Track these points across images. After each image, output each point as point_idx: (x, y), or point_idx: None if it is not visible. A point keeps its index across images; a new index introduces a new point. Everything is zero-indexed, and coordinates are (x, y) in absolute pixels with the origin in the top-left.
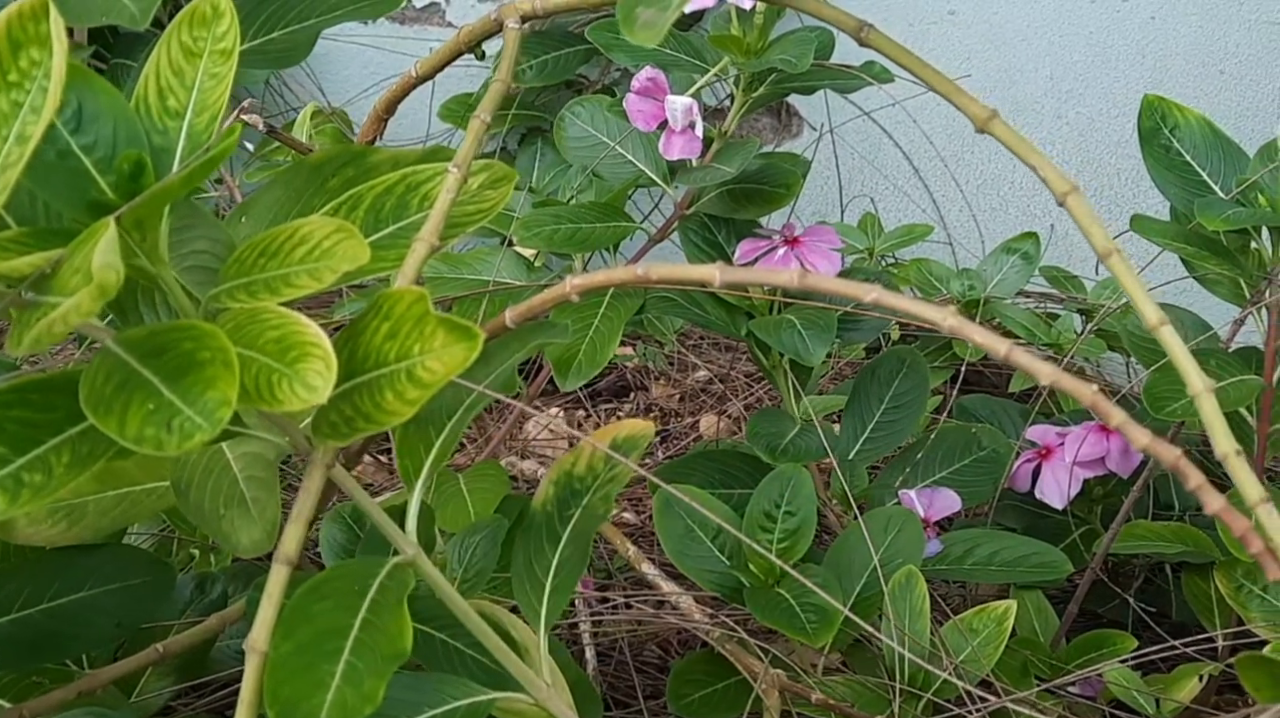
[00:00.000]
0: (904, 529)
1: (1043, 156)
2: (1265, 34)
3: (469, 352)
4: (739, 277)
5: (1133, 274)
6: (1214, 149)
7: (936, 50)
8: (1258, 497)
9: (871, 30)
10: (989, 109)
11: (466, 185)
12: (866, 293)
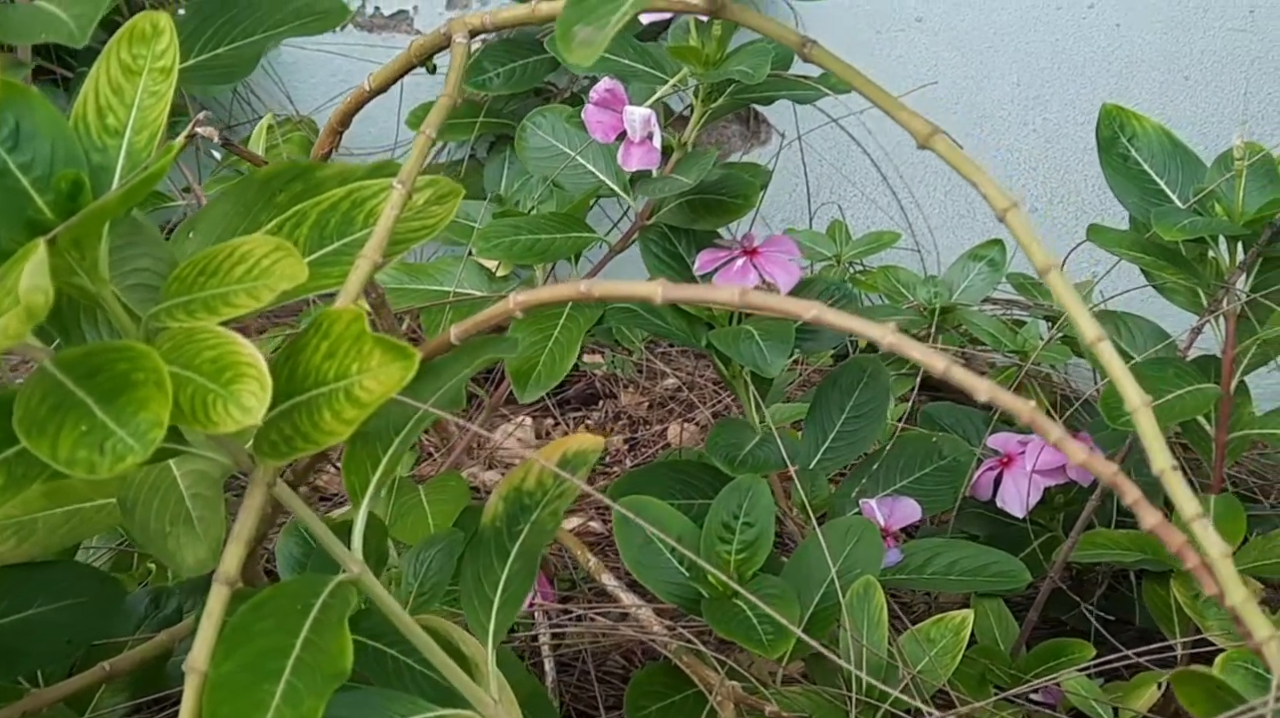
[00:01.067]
0: (862, 540)
1: (983, 173)
2: (1228, 40)
3: (405, 371)
4: (680, 294)
5: (1071, 290)
6: (1172, 158)
7: (904, 57)
8: (1193, 512)
9: (815, 46)
10: (931, 125)
11: (412, 201)
12: (806, 310)
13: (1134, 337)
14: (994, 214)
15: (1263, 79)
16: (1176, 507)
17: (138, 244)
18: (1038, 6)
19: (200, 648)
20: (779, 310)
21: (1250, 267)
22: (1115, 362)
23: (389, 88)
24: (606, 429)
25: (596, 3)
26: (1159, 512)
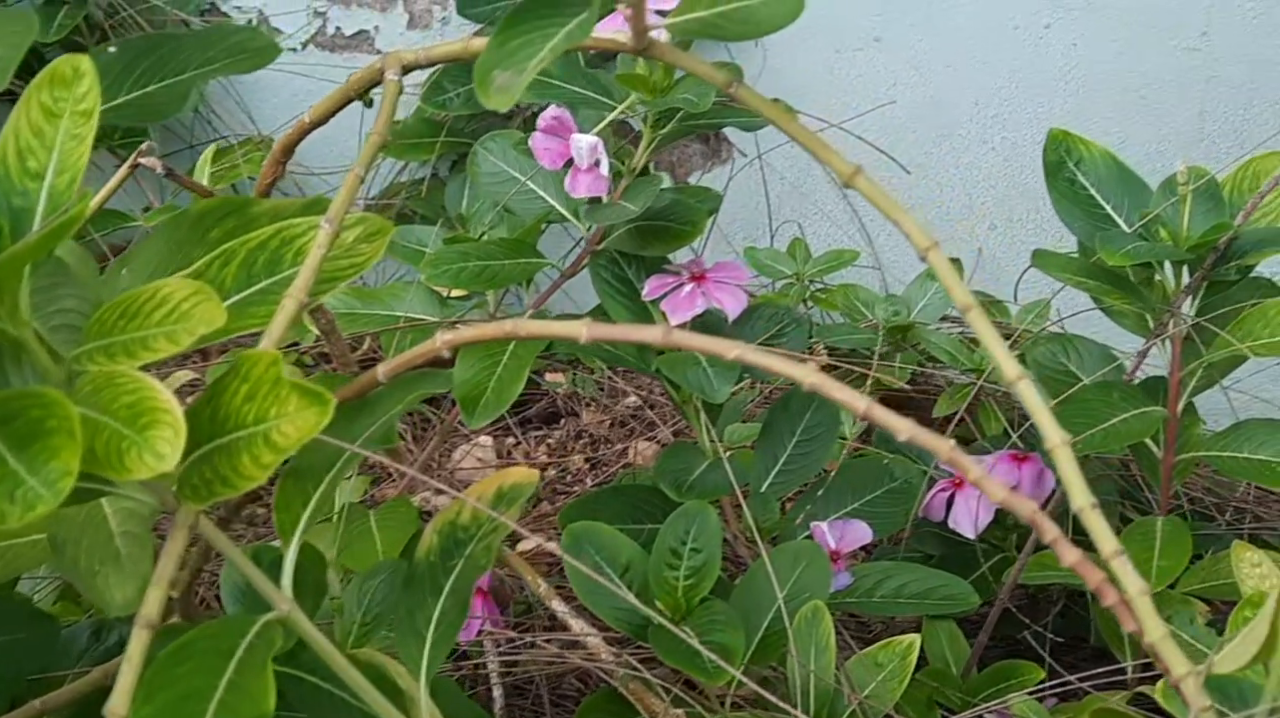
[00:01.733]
0: (811, 564)
1: (904, 213)
2: (1183, 60)
3: (321, 417)
4: (604, 334)
5: (991, 329)
6: (1118, 182)
7: (863, 77)
8: (1111, 550)
9: (740, 85)
10: (853, 166)
11: (341, 239)
12: (729, 350)
13: (1082, 359)
14: (982, 227)
15: (1218, 98)
16: (1096, 544)
17: (63, 284)
18: (995, 26)
19: (120, 693)
20: (703, 350)
21: (1196, 290)
22: (1035, 400)
23: (328, 120)
24: (568, 448)
25: (516, 46)
26: (1077, 550)
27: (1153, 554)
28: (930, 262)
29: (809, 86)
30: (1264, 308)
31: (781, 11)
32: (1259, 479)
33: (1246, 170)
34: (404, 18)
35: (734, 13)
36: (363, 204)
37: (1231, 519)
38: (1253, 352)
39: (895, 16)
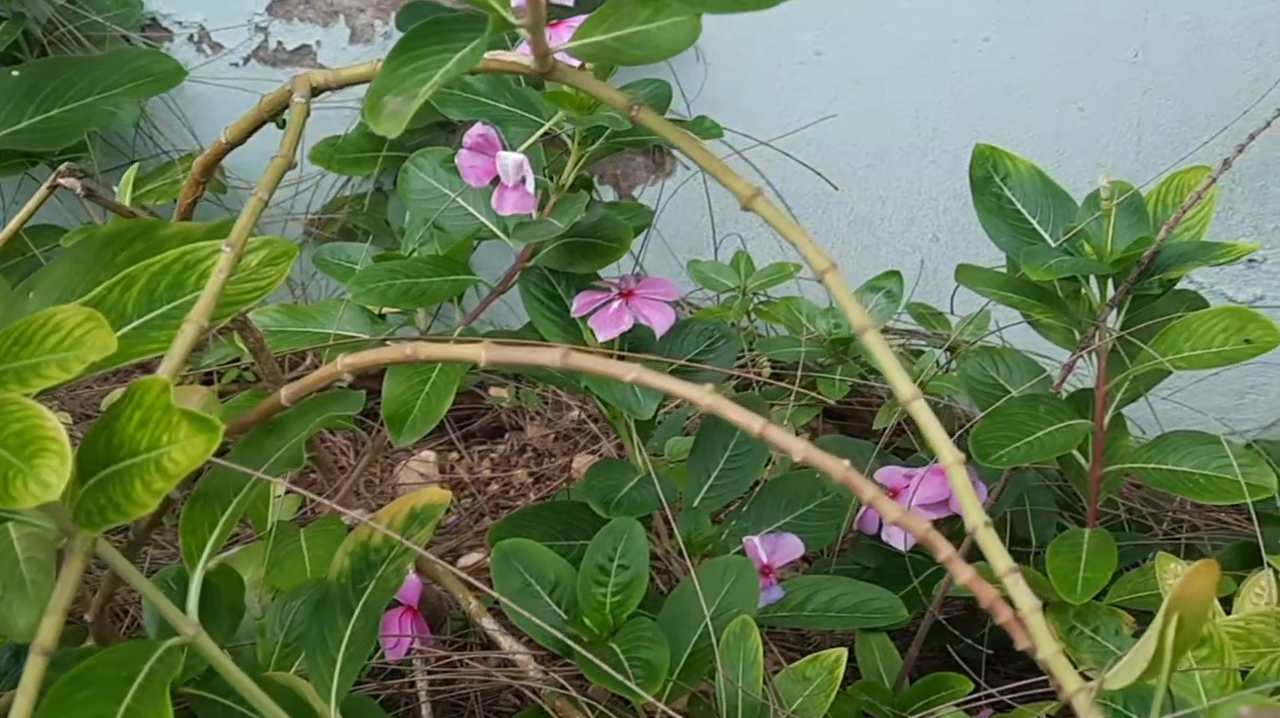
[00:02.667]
0: (740, 579)
1: (803, 234)
2: (1121, 72)
3: (209, 444)
4: (504, 357)
5: (886, 351)
6: (1044, 197)
7: (805, 90)
8: (1005, 568)
9: (642, 109)
10: (753, 188)
11: (245, 262)
12: (626, 373)
13: (1011, 372)
14: (923, 238)
15: (1154, 110)
16: (990, 563)
17: None
18: (934, 40)
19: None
20: (599, 372)
21: (1121, 304)
22: (927, 419)
23: (245, 140)
24: (511, 462)
25: (409, 72)
26: (970, 568)
27: (1079, 566)
28: (827, 284)
29: (752, 101)
30: (1186, 321)
31: (678, 36)
32: (1182, 491)
33: (1171, 184)
34: (346, 32)
35: (632, 37)
36: (305, 219)
37: (1169, 530)
38: (1174, 365)
39: (836, 31)
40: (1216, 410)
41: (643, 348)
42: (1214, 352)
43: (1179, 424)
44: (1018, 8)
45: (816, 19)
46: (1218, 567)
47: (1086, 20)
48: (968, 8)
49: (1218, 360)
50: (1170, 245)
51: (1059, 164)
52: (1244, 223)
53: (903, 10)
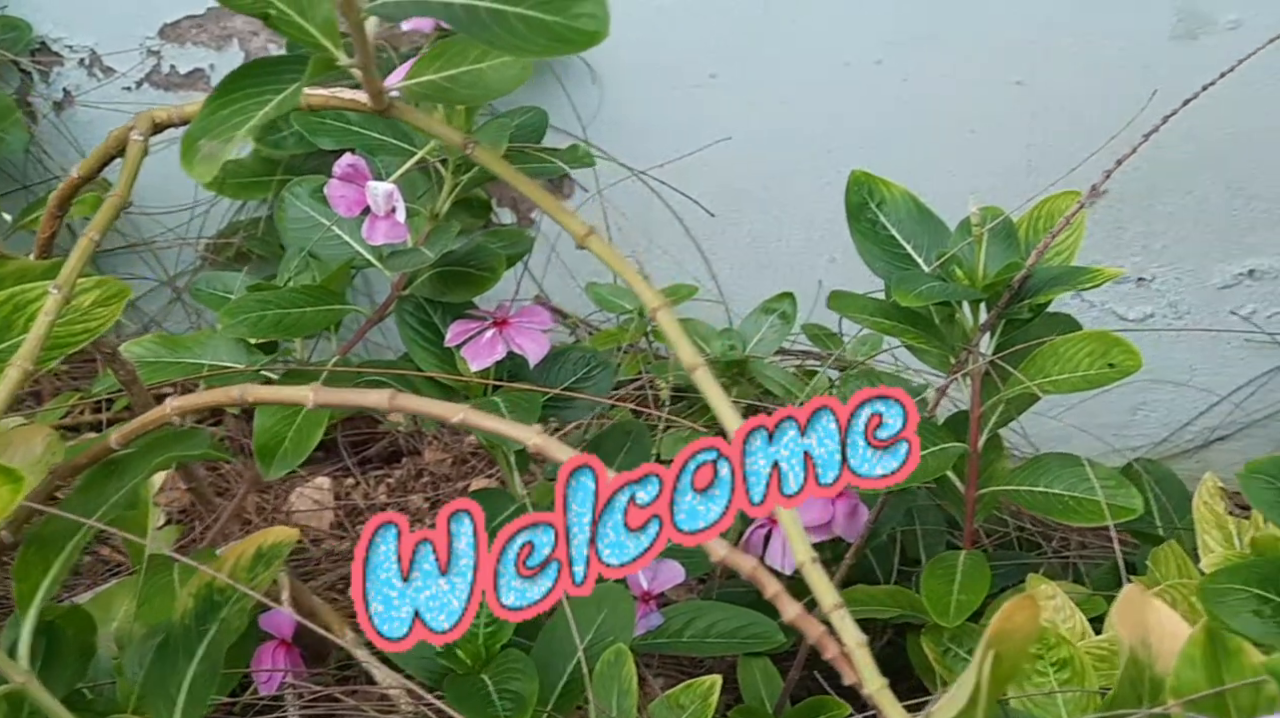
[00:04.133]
0: (616, 607)
1: (636, 274)
2: (1011, 94)
3: (14, 494)
4: (331, 399)
5: (715, 386)
6: (919, 223)
7: (700, 113)
8: (831, 603)
9: (476, 147)
10: (586, 227)
11: (78, 302)
12: (453, 414)
13: None
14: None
15: (1044, 131)
16: (816, 598)
17: None
18: (827, 62)
19: None
20: (428, 413)
21: (993, 328)
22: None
23: (96, 174)
24: (408, 487)
25: (228, 114)
26: (797, 604)
27: (953, 588)
28: (659, 321)
29: (648, 123)
30: (1055, 345)
31: (508, 76)
32: (1052, 513)
33: (1041, 209)
34: (240, 56)
35: (462, 77)
36: (202, 244)
37: (1058, 548)
38: (1043, 389)
39: (730, 53)
40: (1110, 427)
41: (521, 377)
42: (1080, 375)
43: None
44: (909, 30)
45: (710, 42)
46: (1037, 602)
47: (976, 43)
48: (859, 31)
49: (1083, 384)
50: (1040, 270)
51: (951, 185)
52: (1133, 242)
53: (796, 33)
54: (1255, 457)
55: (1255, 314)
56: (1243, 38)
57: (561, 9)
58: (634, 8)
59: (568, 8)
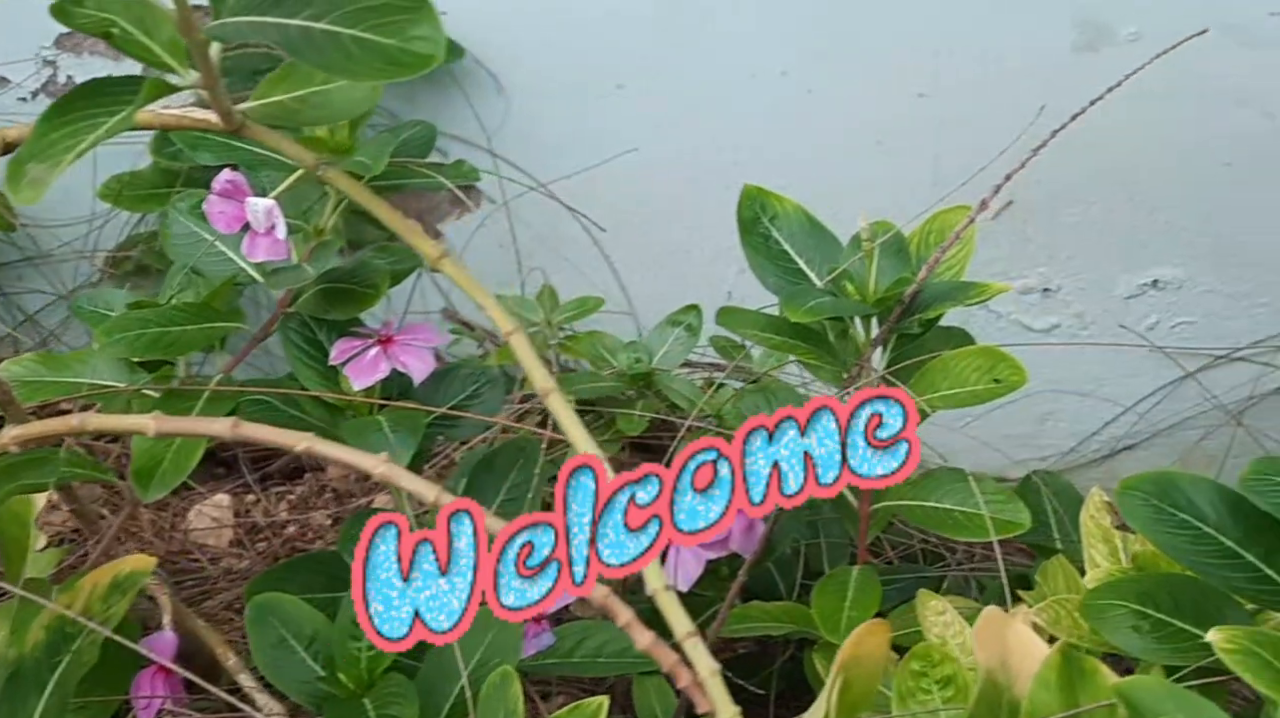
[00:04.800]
0: (504, 628)
1: (490, 297)
2: (916, 106)
3: None
4: (173, 427)
5: (569, 411)
6: (811, 237)
7: (607, 124)
8: (684, 632)
9: (328, 168)
10: (440, 248)
11: None
12: (297, 442)
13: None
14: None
15: (950, 142)
16: (669, 626)
17: None
18: (734, 74)
19: None
20: (271, 442)
21: (885, 342)
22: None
23: None
24: (310, 503)
25: (59, 138)
26: (650, 633)
27: (844, 605)
28: (511, 345)
29: (556, 134)
30: (944, 360)
31: (357, 98)
32: (942, 529)
33: (933, 224)
34: (138, 67)
35: (310, 98)
36: (102, 257)
37: (961, 559)
38: (931, 404)
39: (637, 64)
40: (1019, 437)
41: (410, 394)
42: (968, 390)
43: (981, 452)
44: (815, 43)
45: (617, 53)
46: (888, 626)
47: (881, 55)
48: (765, 42)
49: (971, 399)
50: (930, 285)
51: (858, 196)
52: (1039, 253)
53: (702, 45)
54: (1161, 466)
55: (1159, 324)
56: (1142, 49)
57: (397, 32)
58: (540, 19)
59: (403, 31)
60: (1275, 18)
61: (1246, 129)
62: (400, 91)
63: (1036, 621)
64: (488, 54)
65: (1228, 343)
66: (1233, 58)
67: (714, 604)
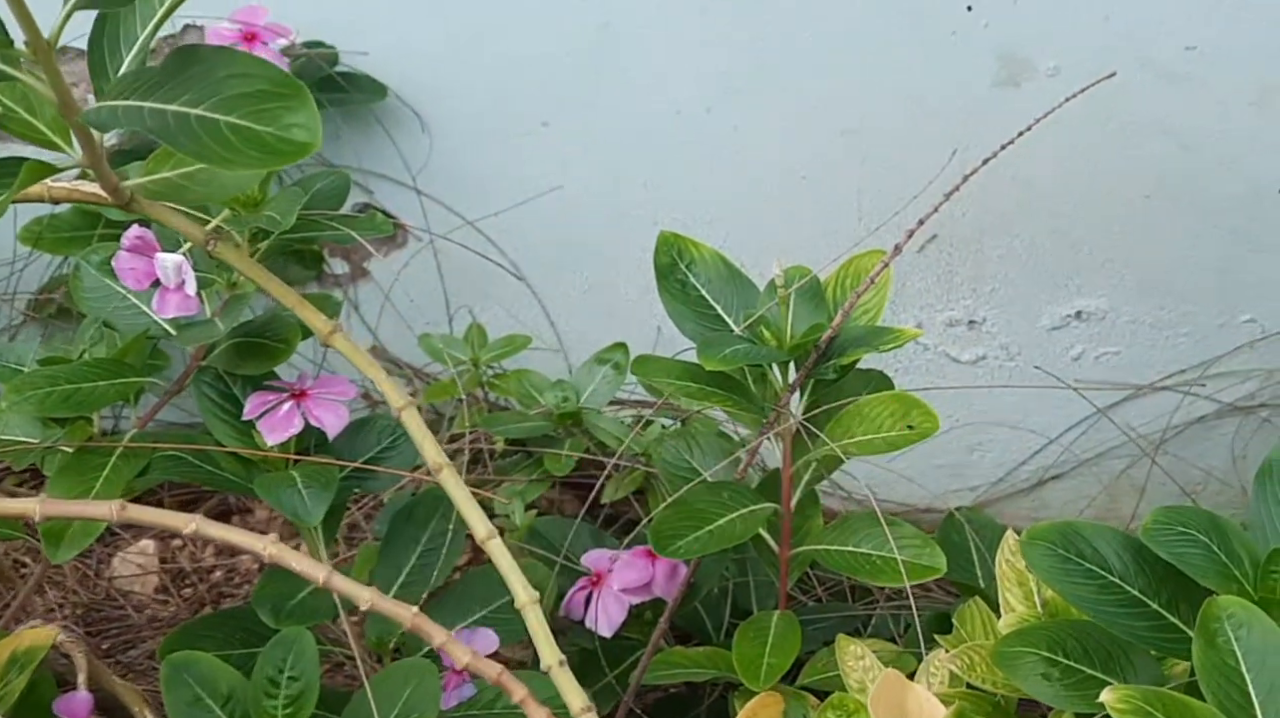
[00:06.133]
0: (421, 682)
1: (380, 371)
2: (840, 142)
3: None
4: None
5: (460, 487)
6: (728, 283)
7: (533, 161)
8: (579, 707)
9: (218, 244)
10: (330, 324)
11: None
12: (185, 524)
13: (704, 456)
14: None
15: (874, 177)
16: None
17: None
18: (659, 111)
19: None
20: (159, 524)
21: (803, 388)
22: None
23: None
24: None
25: None
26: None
27: (764, 651)
28: (403, 421)
29: (481, 172)
30: (860, 405)
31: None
32: (859, 574)
33: (849, 268)
34: None
35: (198, 174)
36: (24, 300)
37: (890, 595)
38: (846, 451)
39: (562, 101)
40: (949, 468)
41: (325, 447)
42: (882, 437)
43: (913, 483)
44: (739, 80)
45: (542, 91)
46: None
47: (805, 91)
48: (689, 79)
49: (885, 446)
50: (846, 330)
51: (784, 231)
52: (964, 285)
53: (627, 82)
54: (1090, 494)
55: (1084, 355)
56: (1063, 84)
57: (274, 119)
58: (465, 58)
59: (280, 118)
60: (1191, 52)
61: (1166, 161)
62: (326, 130)
63: (952, 667)
64: (412, 93)
65: (1153, 372)
66: (1152, 91)
67: (639, 648)
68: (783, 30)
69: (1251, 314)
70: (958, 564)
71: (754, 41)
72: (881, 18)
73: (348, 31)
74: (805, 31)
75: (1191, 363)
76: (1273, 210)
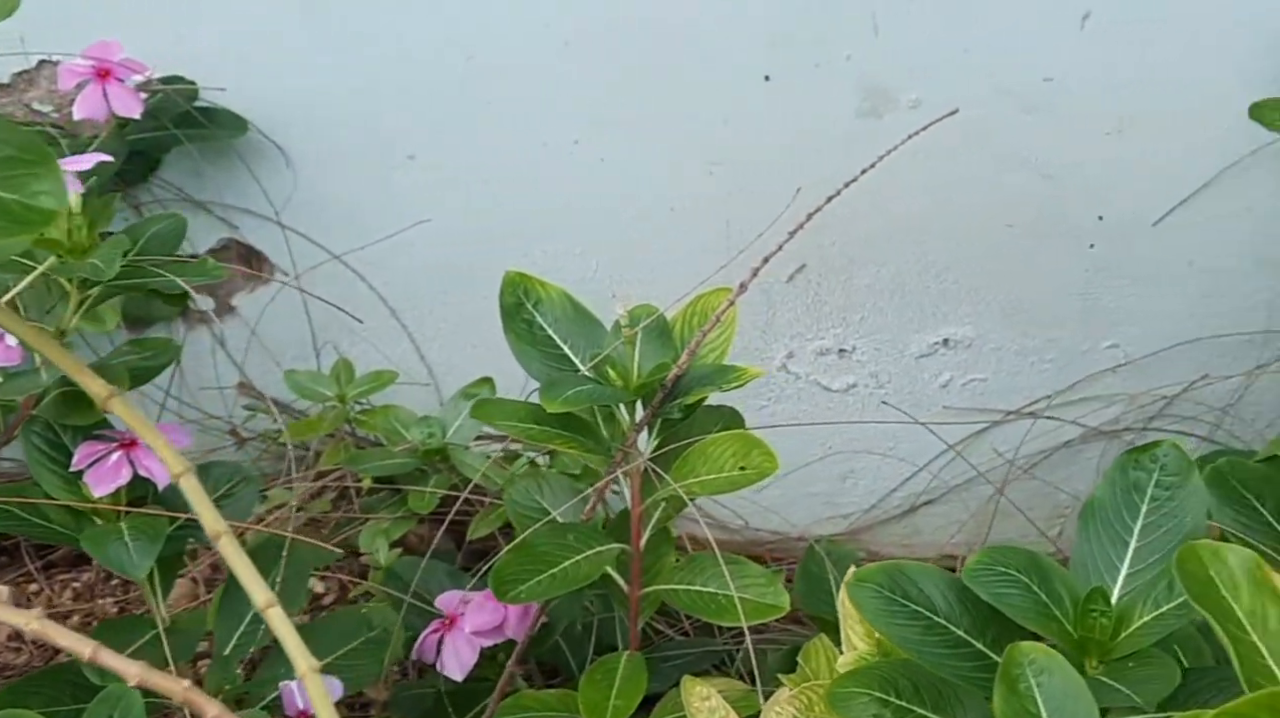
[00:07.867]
0: None
1: (160, 438)
2: (707, 173)
3: None
4: None
5: (241, 556)
6: (575, 323)
7: (400, 194)
8: None
9: None
10: (109, 388)
11: None
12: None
13: (555, 496)
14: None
15: (741, 209)
16: None
17: None
18: (526, 143)
19: None
20: None
21: (650, 426)
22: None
23: None
24: (96, 592)
25: None
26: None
27: (611, 694)
28: (183, 488)
29: (349, 207)
30: (704, 445)
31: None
32: (705, 613)
33: (696, 307)
34: None
35: None
36: None
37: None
38: (690, 491)
39: (428, 133)
40: (823, 495)
41: (160, 497)
42: (724, 476)
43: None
44: (605, 113)
45: (408, 123)
46: None
47: (672, 124)
48: (557, 112)
49: (728, 485)
50: (693, 369)
51: (655, 263)
52: (833, 314)
53: (493, 114)
54: (960, 519)
55: (952, 382)
56: (923, 115)
57: (19, 187)
58: (329, 91)
59: (25, 185)
60: (1050, 83)
61: (1027, 190)
62: (187, 166)
63: (791, 708)
64: (274, 127)
65: (1019, 397)
66: (1013, 121)
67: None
68: (647, 63)
69: (1114, 340)
70: (816, 598)
71: (622, 75)
72: (745, 51)
73: (207, 67)
74: (670, 64)
75: (1057, 388)
76: (1133, 238)
